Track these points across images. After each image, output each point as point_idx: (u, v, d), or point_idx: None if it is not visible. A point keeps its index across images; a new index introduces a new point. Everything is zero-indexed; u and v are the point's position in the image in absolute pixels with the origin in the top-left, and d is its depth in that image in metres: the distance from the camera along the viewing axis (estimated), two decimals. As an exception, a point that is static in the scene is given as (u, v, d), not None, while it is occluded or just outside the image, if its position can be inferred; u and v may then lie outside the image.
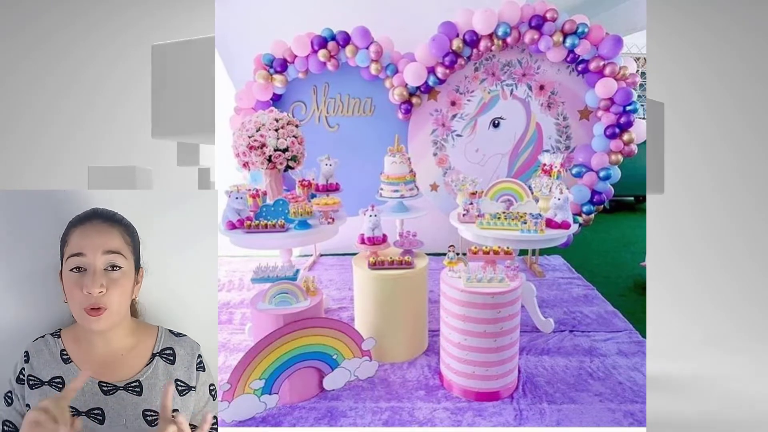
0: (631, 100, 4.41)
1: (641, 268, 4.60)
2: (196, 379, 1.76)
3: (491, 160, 5.03)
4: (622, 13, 5.30)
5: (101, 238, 1.68)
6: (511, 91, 4.85)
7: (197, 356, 1.79)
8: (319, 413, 2.61)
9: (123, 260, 1.70)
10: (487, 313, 2.56)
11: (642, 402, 2.65)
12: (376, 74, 4.65)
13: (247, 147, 3.38)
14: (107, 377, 1.69)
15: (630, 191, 7.48)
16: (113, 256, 1.68)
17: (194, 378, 1.76)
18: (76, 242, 1.67)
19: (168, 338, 1.80)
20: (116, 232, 1.72)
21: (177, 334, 1.82)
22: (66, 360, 1.70)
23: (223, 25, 4.62)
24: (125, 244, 1.73)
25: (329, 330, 2.73)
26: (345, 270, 4.82)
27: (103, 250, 1.67)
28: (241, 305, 4.03)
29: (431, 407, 2.64)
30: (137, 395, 1.69)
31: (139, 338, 1.77)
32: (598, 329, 3.52)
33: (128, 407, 1.67)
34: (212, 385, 1.82)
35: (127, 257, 1.72)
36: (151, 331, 1.80)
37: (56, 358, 1.70)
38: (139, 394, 1.69)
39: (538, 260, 5.03)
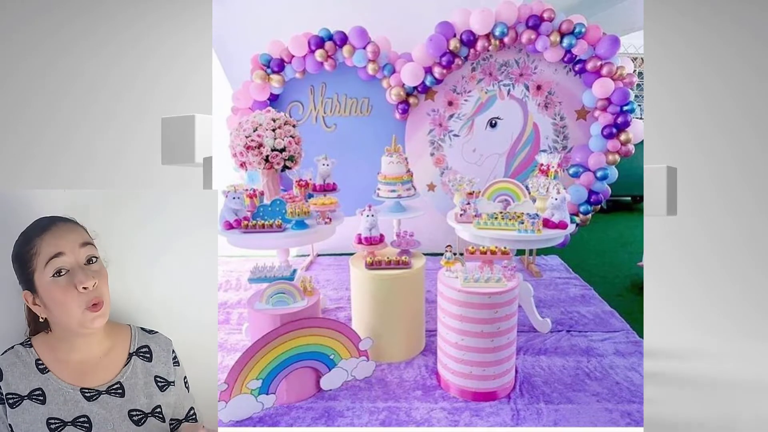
0: (629, 100, 4.42)
1: (638, 268, 4.60)
2: (173, 374, 1.77)
3: (488, 160, 5.03)
4: (619, 13, 5.31)
5: (72, 234, 1.67)
6: (508, 91, 4.85)
7: (172, 351, 1.80)
8: (316, 413, 2.61)
9: (96, 251, 1.70)
10: (484, 313, 2.56)
11: (639, 402, 2.65)
12: (373, 74, 4.65)
13: (244, 147, 3.37)
14: (88, 383, 1.67)
15: (627, 191, 7.52)
16: (89, 248, 1.67)
17: (172, 373, 1.77)
18: (50, 246, 1.62)
19: (142, 336, 1.79)
20: (80, 228, 1.71)
21: (149, 331, 1.81)
22: (42, 370, 1.65)
23: (220, 24, 4.61)
24: (90, 237, 1.73)
25: (326, 330, 2.72)
26: (342, 270, 4.81)
27: (79, 244, 1.65)
28: (238, 305, 4.02)
29: (428, 407, 2.64)
30: (120, 397, 1.68)
31: (114, 339, 1.76)
32: (596, 329, 3.52)
33: (113, 410, 1.66)
34: (185, 378, 1.83)
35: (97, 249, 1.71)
36: (124, 331, 1.79)
37: (32, 368, 1.65)
38: (121, 395, 1.68)
39: (536, 260, 5.04)
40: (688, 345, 3.68)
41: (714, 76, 4.09)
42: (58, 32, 4.23)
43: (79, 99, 4.26)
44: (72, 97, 4.26)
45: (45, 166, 4.20)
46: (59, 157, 4.22)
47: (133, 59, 4.35)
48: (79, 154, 4.24)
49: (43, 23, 4.20)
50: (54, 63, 4.23)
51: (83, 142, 4.24)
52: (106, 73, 4.31)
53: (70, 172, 4.22)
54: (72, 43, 4.27)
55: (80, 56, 4.27)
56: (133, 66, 4.36)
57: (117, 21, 4.32)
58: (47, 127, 4.22)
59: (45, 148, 4.19)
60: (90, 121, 4.23)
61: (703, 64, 4.07)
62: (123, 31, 4.33)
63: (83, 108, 4.25)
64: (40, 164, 4.20)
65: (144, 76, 4.34)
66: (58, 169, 4.22)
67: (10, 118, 4.11)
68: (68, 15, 4.25)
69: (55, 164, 4.22)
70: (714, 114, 4.09)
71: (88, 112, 4.24)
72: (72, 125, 4.24)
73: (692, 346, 3.66)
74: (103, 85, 4.30)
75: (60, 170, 4.22)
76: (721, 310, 3.99)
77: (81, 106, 4.25)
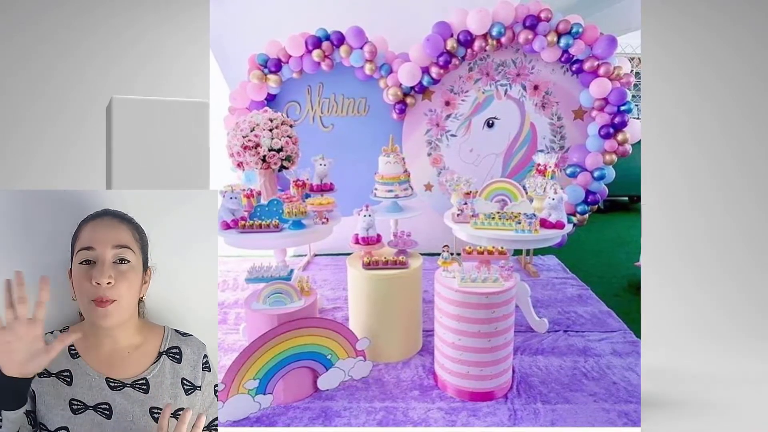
0: (626, 100, 4.42)
1: (636, 268, 4.61)
2: (201, 379, 1.78)
3: (485, 160, 5.03)
4: (616, 13, 5.32)
5: (111, 232, 1.72)
6: (506, 91, 4.85)
7: (203, 356, 1.81)
8: (313, 413, 2.61)
9: (132, 255, 1.73)
10: (482, 313, 2.56)
11: (636, 402, 2.66)
12: (370, 74, 4.65)
13: (241, 147, 3.37)
14: (114, 374, 1.70)
15: (624, 191, 7.53)
16: (122, 250, 1.71)
17: (200, 378, 1.78)
18: (86, 237, 1.70)
19: (174, 337, 1.82)
20: (125, 228, 1.75)
21: (183, 333, 1.83)
22: (74, 355, 1.71)
23: (217, 25, 4.60)
24: (134, 240, 1.76)
25: (323, 330, 2.72)
26: (339, 270, 4.81)
27: (112, 245, 1.70)
28: (235, 305, 4.02)
29: (425, 407, 2.64)
30: (144, 393, 1.70)
31: (146, 337, 1.78)
32: (593, 329, 3.52)
33: (135, 404, 1.69)
34: (216, 386, 1.84)
35: (135, 253, 1.74)
36: (158, 331, 1.82)
37: (64, 353, 1.70)
38: (146, 391, 1.70)
39: (533, 260, 5.04)
40: (685, 345, 3.68)
41: (711, 76, 4.10)
42: (55, 35, 4.22)
43: (80, 99, 4.26)
44: (72, 97, 4.26)
45: (46, 166, 4.20)
46: (59, 157, 4.22)
47: (131, 59, 4.35)
48: (78, 154, 4.24)
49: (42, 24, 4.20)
50: (54, 64, 4.23)
51: (83, 142, 4.24)
52: (106, 74, 4.30)
53: (70, 172, 4.22)
54: (72, 44, 4.27)
55: (79, 56, 4.27)
56: (132, 66, 4.36)
57: (116, 22, 4.32)
58: (48, 127, 4.22)
59: (46, 148, 4.20)
60: (90, 121, 4.23)
61: (700, 64, 4.08)
62: (122, 32, 4.33)
63: (83, 108, 4.24)
64: (41, 164, 4.20)
65: (143, 76, 4.34)
66: (59, 169, 4.22)
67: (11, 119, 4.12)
68: (66, 17, 4.25)
69: (56, 164, 4.22)
70: (712, 113, 4.10)
71: (87, 112, 4.24)
72: (72, 125, 4.24)
73: (689, 346, 3.67)
74: (103, 85, 4.29)
75: (60, 170, 4.22)
76: (718, 309, 3.99)
77: (81, 106, 4.25)
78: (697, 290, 4.10)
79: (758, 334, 3.77)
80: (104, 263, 1.67)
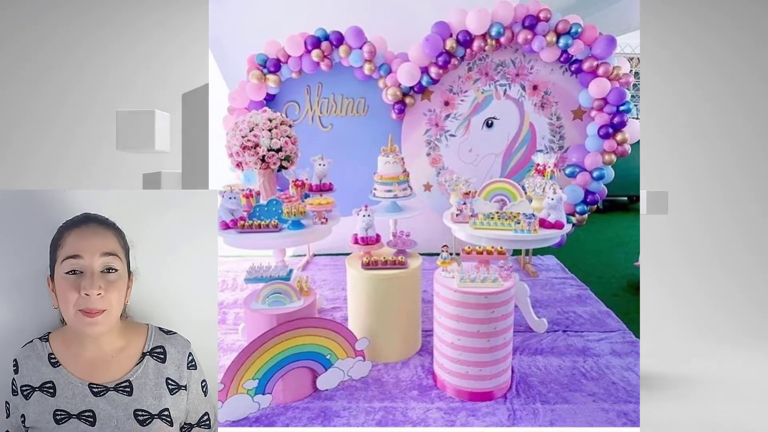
0: (625, 100, 4.42)
1: (635, 268, 4.61)
2: (187, 378, 1.76)
3: (485, 160, 5.03)
4: (615, 13, 5.32)
5: (98, 240, 1.68)
6: (505, 91, 4.85)
7: (188, 354, 1.78)
8: (312, 413, 2.61)
9: (119, 262, 1.71)
10: (481, 313, 2.56)
11: (635, 402, 2.65)
12: (369, 74, 4.65)
13: (240, 147, 3.37)
14: (97, 379, 1.68)
15: (623, 191, 7.51)
16: (110, 258, 1.68)
17: (185, 377, 1.76)
18: (72, 245, 1.66)
19: (158, 336, 1.79)
20: (111, 235, 1.72)
21: (167, 331, 1.81)
22: (54, 363, 1.69)
23: (216, 25, 4.60)
24: (120, 247, 1.73)
25: (323, 330, 2.72)
26: (338, 270, 4.81)
27: (100, 252, 1.67)
28: (234, 305, 4.02)
29: (424, 407, 2.64)
30: (128, 395, 1.68)
31: (129, 339, 1.76)
32: (592, 329, 3.52)
33: (119, 408, 1.67)
34: (203, 382, 1.81)
35: (122, 260, 1.72)
36: (141, 330, 1.79)
37: (44, 361, 1.69)
38: (129, 394, 1.68)
39: (532, 260, 5.04)
40: (684, 345, 3.69)
41: (710, 76, 4.10)
42: (56, 35, 4.23)
43: (79, 99, 4.26)
44: (72, 97, 4.26)
45: (47, 166, 4.21)
46: (60, 157, 4.23)
47: (131, 60, 4.36)
48: (78, 154, 4.25)
49: (43, 24, 4.21)
50: (55, 64, 4.23)
51: (84, 142, 4.24)
52: (106, 73, 4.31)
53: (70, 171, 4.22)
54: (71, 45, 4.27)
55: (79, 57, 4.27)
56: (132, 66, 4.36)
57: (116, 22, 4.32)
58: (50, 127, 4.22)
59: (47, 148, 4.20)
60: (90, 121, 4.23)
61: (699, 64, 4.08)
62: (122, 33, 4.34)
63: (82, 108, 4.25)
64: (42, 163, 4.20)
65: (142, 76, 4.34)
66: (59, 169, 4.22)
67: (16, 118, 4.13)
68: (66, 17, 4.26)
69: (56, 164, 4.22)
70: (711, 113, 4.10)
71: (87, 112, 4.24)
72: (73, 125, 4.25)
73: (688, 346, 3.67)
74: (103, 85, 4.30)
75: (60, 170, 4.22)
76: (717, 309, 4.00)
77: (80, 106, 4.25)
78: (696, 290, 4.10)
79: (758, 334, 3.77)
80: (93, 273, 1.65)
